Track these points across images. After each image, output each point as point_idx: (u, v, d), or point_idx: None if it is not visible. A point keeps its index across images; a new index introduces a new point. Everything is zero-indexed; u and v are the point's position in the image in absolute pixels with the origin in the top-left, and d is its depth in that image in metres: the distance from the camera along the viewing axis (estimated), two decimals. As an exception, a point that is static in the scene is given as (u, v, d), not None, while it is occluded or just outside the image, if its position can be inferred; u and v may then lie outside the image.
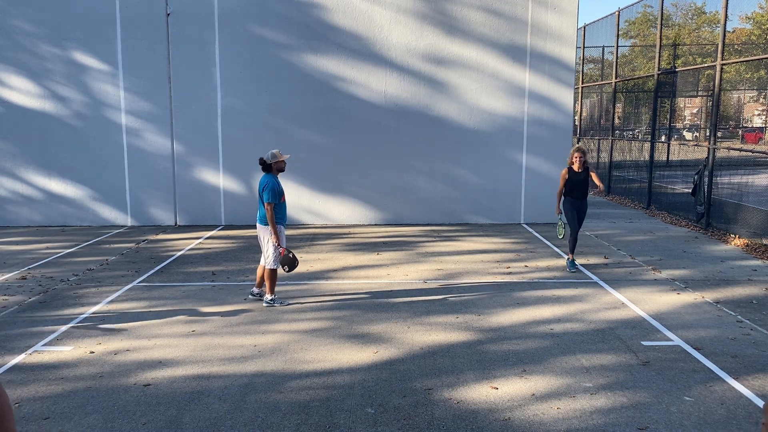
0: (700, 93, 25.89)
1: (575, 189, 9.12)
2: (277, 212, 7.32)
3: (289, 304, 7.51)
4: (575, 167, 9.09)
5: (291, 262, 7.37)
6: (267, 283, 7.47)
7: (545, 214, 13.14)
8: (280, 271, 7.76)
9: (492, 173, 13.06)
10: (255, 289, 7.77)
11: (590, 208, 15.19)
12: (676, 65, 22.13)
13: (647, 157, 15.50)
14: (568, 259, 9.24)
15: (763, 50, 25.75)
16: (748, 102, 40.76)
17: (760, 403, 5.00)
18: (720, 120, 19.53)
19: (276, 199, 7.24)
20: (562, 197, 9.28)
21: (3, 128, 12.83)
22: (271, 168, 7.36)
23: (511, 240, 11.45)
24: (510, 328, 6.74)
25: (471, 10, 12.69)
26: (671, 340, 6.35)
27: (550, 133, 12.98)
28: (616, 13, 17.84)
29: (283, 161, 7.39)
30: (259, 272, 7.69)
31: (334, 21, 12.68)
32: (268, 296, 7.51)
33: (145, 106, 12.82)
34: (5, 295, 8.10)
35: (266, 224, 7.35)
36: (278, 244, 7.31)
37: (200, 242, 11.40)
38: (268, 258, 7.39)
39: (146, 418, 4.80)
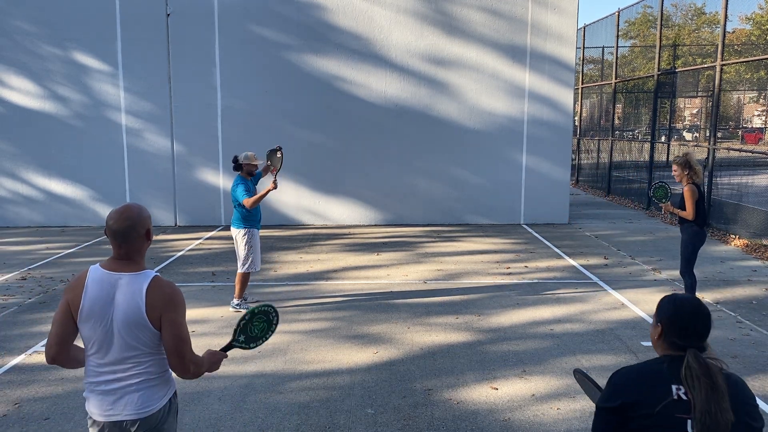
0: (700, 93, 25.90)
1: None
2: (250, 214, 7.28)
3: None
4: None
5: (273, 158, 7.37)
6: (237, 287, 7.38)
7: (545, 215, 13.15)
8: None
9: (492, 173, 13.06)
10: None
11: (590, 209, 15.26)
12: (676, 66, 22.13)
13: (647, 158, 15.51)
14: None
15: (763, 51, 25.74)
16: (748, 102, 40.78)
17: (761, 403, 5.00)
18: (720, 120, 19.53)
19: (249, 196, 7.21)
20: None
21: (3, 128, 12.83)
22: (242, 168, 7.32)
23: (511, 240, 11.46)
24: (510, 328, 6.75)
25: (471, 10, 12.69)
26: (671, 340, 6.34)
27: (550, 134, 12.98)
28: (616, 13, 17.84)
29: (254, 165, 7.31)
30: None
31: (334, 21, 12.69)
32: (235, 300, 7.43)
33: (145, 106, 12.82)
34: (5, 295, 8.10)
35: (238, 227, 7.29)
36: (274, 184, 7.24)
37: (200, 243, 11.40)
38: (240, 261, 7.33)
39: (146, 419, 4.80)
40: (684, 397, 2.05)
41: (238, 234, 7.33)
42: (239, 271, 7.36)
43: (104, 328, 2.66)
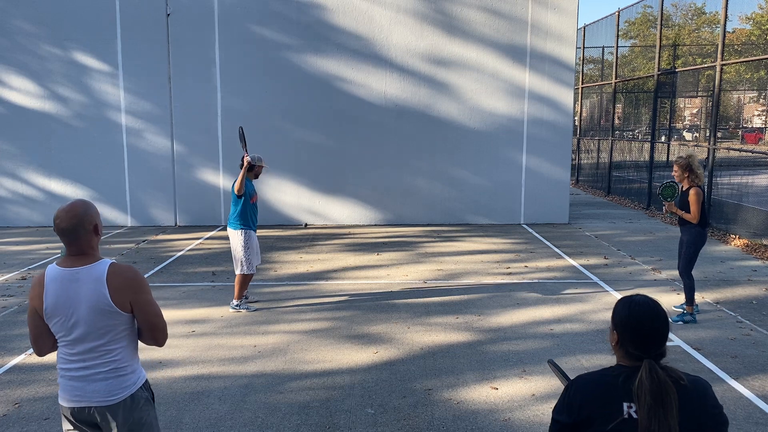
0: (700, 93, 25.89)
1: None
2: (247, 213, 7.28)
3: (255, 310, 7.40)
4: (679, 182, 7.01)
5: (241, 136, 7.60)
6: (236, 288, 7.37)
7: (545, 215, 13.15)
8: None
9: (492, 173, 13.06)
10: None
11: (590, 209, 15.26)
12: (676, 66, 22.13)
13: (647, 158, 15.51)
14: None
15: (763, 50, 25.75)
16: (748, 102, 40.77)
17: (761, 403, 5.01)
18: (720, 120, 19.53)
19: (246, 195, 7.23)
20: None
21: (3, 128, 12.83)
22: (252, 169, 7.35)
23: (511, 240, 11.46)
24: (510, 328, 6.75)
25: (471, 10, 12.69)
26: (671, 340, 6.35)
27: (550, 134, 12.98)
28: (616, 13, 17.84)
29: (261, 167, 7.41)
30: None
31: (335, 21, 12.69)
32: (234, 300, 7.42)
33: (145, 106, 12.82)
34: (5, 295, 8.10)
35: (235, 228, 7.29)
36: (246, 159, 7.23)
37: (200, 243, 11.40)
38: (238, 263, 7.32)
39: (146, 419, 4.80)
40: (634, 416, 2.03)
41: (234, 235, 7.32)
42: (237, 272, 7.36)
43: (70, 322, 2.79)
